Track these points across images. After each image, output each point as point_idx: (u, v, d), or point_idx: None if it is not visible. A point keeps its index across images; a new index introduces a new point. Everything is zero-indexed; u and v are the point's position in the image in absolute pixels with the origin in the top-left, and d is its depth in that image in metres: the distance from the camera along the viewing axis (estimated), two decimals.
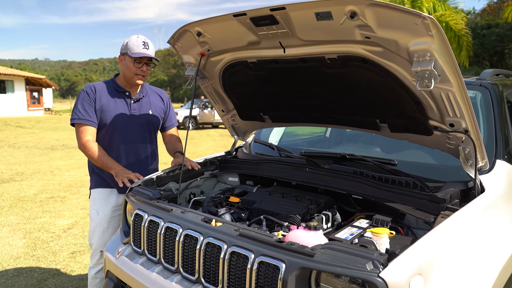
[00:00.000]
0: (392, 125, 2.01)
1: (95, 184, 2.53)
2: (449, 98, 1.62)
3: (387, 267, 1.21)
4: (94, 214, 2.48)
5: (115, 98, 2.50)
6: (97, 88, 2.48)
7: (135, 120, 2.52)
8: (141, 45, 2.40)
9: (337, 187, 2.03)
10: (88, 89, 2.47)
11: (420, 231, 1.80)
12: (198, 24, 2.00)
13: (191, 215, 1.76)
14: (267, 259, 1.38)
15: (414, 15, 1.39)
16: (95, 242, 2.48)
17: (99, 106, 2.43)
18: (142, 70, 2.44)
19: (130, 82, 2.50)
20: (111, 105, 2.47)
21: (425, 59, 1.48)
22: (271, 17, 1.72)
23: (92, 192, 2.54)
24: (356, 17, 1.52)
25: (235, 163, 2.63)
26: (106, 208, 2.47)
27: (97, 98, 2.44)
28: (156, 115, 2.63)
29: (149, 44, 2.44)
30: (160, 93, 2.74)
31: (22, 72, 28.97)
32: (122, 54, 2.47)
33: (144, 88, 2.63)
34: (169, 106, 2.77)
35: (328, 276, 1.32)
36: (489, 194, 1.74)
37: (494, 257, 1.54)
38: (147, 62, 2.46)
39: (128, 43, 2.42)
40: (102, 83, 2.54)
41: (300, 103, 2.29)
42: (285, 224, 1.77)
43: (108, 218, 2.47)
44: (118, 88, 2.52)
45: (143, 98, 2.59)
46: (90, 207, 2.52)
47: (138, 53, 2.38)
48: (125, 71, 2.46)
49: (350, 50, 1.72)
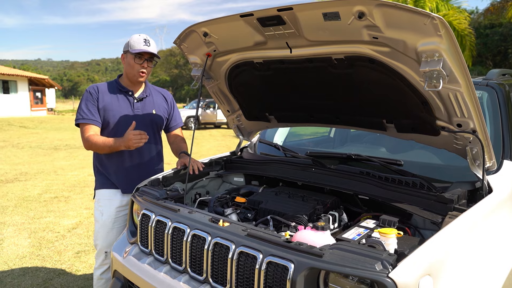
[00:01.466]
0: (399, 125, 2.01)
1: (100, 185, 2.54)
2: (457, 98, 1.62)
3: (396, 267, 1.21)
4: (99, 215, 2.48)
5: (118, 97, 2.51)
6: (100, 88, 2.51)
7: (139, 119, 2.51)
8: (142, 42, 2.43)
9: (344, 188, 2.03)
10: (91, 89, 2.49)
11: (427, 231, 1.80)
12: (204, 24, 2.00)
13: (198, 215, 1.77)
14: (275, 259, 1.38)
15: (423, 15, 1.39)
16: (100, 243, 2.48)
17: (102, 105, 2.45)
18: (143, 66, 2.46)
19: (132, 80, 2.51)
20: (114, 104, 2.48)
21: (433, 59, 1.48)
22: (278, 17, 1.72)
23: (97, 193, 2.54)
24: (364, 17, 1.52)
25: (241, 163, 2.63)
26: (111, 209, 2.47)
27: (100, 97, 2.46)
28: (159, 114, 2.63)
29: (150, 42, 2.46)
30: (164, 93, 2.75)
31: (25, 73, 29.06)
32: (125, 52, 2.49)
33: (147, 87, 2.63)
34: (173, 106, 2.77)
35: (337, 277, 1.31)
36: (497, 195, 1.74)
37: (503, 258, 1.54)
38: (148, 58, 2.47)
39: (130, 41, 2.45)
40: (105, 83, 2.56)
41: (306, 103, 2.28)
42: (292, 224, 1.77)
43: (113, 219, 2.47)
44: (121, 87, 2.53)
45: (146, 98, 2.59)
46: (95, 208, 2.53)
47: (138, 49, 2.40)
48: (127, 68, 2.48)
49: (357, 51, 1.72)
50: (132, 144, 2.26)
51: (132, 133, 2.26)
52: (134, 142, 2.26)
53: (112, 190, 2.50)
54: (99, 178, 2.56)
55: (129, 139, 2.26)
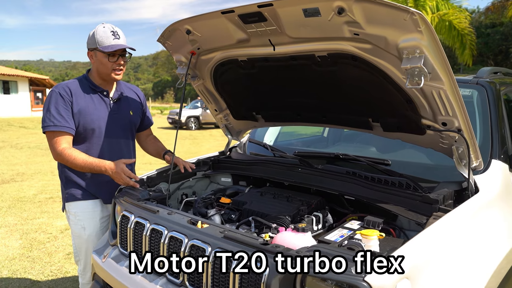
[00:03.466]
0: (385, 124, 1.97)
1: (74, 197, 2.24)
2: (441, 96, 1.58)
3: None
4: (80, 230, 2.23)
5: (93, 98, 2.25)
6: (71, 88, 2.20)
7: (116, 122, 2.31)
8: (111, 35, 2.15)
9: (329, 188, 1.99)
10: (61, 90, 2.17)
11: (413, 232, 1.74)
12: (186, 22, 1.97)
13: (177, 216, 1.73)
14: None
15: (402, 10, 1.35)
16: (83, 258, 2.27)
17: (77, 109, 2.17)
18: (118, 64, 2.22)
19: (106, 79, 2.27)
20: (91, 107, 2.22)
21: (414, 56, 1.44)
22: (259, 14, 1.69)
23: (72, 206, 2.25)
24: (344, 13, 1.48)
25: (228, 163, 2.60)
26: (93, 221, 2.24)
27: (74, 100, 2.17)
28: (136, 115, 2.46)
29: (119, 33, 2.19)
30: (136, 90, 2.54)
31: (25, 73, 29.11)
32: (91, 50, 2.20)
33: (119, 85, 2.42)
34: (145, 104, 2.57)
35: (314, 280, 1.28)
36: (484, 195, 1.70)
37: (487, 260, 1.49)
38: (121, 54, 2.22)
39: (96, 36, 2.15)
40: (75, 82, 2.26)
41: (292, 102, 2.25)
42: (273, 226, 1.73)
43: (98, 232, 2.26)
44: (94, 87, 2.27)
45: (122, 98, 2.38)
46: (71, 222, 2.26)
47: (110, 46, 2.14)
48: (100, 67, 2.22)
49: (339, 48, 1.68)
50: (120, 182, 2.10)
51: (125, 172, 2.09)
52: (123, 182, 2.10)
53: (91, 201, 2.26)
54: (72, 189, 2.25)
55: (120, 177, 2.08)
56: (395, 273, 1.18)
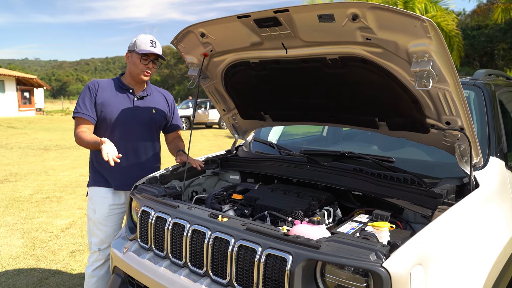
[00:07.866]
0: (391, 123, 2.08)
1: (93, 182, 2.54)
2: (446, 97, 1.69)
3: (389, 257, 1.27)
4: (91, 212, 2.49)
5: (118, 94, 2.52)
6: (100, 83, 2.51)
7: (138, 117, 2.53)
8: (149, 43, 2.45)
9: (338, 184, 2.10)
10: (91, 84, 2.50)
11: (418, 225, 1.87)
12: (202, 25, 2.05)
13: (197, 211, 1.81)
14: (274, 251, 1.44)
15: (413, 18, 1.46)
16: (93, 240, 2.49)
17: (100, 101, 2.44)
18: (148, 67, 2.48)
19: (136, 79, 2.53)
20: (113, 100, 2.48)
21: (423, 60, 1.55)
22: (275, 19, 1.78)
23: (90, 190, 2.55)
24: (358, 19, 1.58)
25: (236, 161, 2.69)
26: (103, 206, 2.48)
27: (98, 92, 2.46)
28: (159, 114, 2.64)
29: (156, 43, 2.49)
30: (165, 94, 2.76)
31: (13, 72, 28.64)
32: (130, 52, 2.51)
33: (149, 87, 2.65)
34: (174, 108, 2.78)
35: (333, 267, 1.38)
36: (484, 190, 1.82)
37: (489, 248, 1.62)
38: (153, 59, 2.50)
39: (136, 40, 2.47)
40: (107, 79, 2.58)
41: (301, 102, 2.34)
42: (288, 219, 1.83)
43: (106, 217, 2.47)
44: (122, 85, 2.54)
45: (147, 96, 2.60)
46: (88, 205, 2.54)
47: (145, 50, 2.43)
48: (132, 67, 2.50)
49: (350, 51, 1.78)
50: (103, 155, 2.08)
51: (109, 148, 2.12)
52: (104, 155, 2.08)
53: (105, 188, 2.50)
54: (93, 175, 2.56)
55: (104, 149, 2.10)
56: (410, 260, 1.29)
